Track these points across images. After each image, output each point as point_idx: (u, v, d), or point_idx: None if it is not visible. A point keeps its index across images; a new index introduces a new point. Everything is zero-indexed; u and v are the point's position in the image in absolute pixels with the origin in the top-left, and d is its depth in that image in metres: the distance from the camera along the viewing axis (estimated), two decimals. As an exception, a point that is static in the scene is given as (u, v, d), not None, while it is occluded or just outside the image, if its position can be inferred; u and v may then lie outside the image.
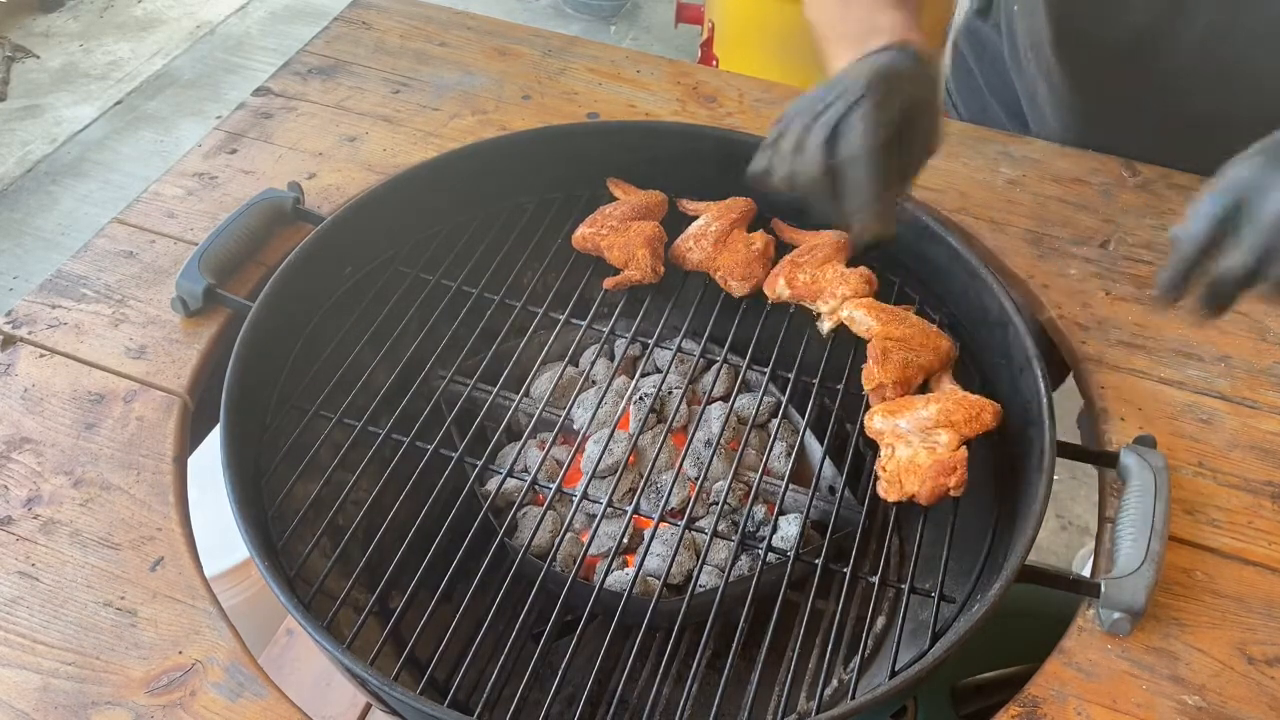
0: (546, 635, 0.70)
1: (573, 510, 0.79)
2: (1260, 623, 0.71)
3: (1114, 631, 0.69)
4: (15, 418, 0.80)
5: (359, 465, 0.79)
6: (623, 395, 0.91)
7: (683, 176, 0.98)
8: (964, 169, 1.05)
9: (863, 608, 0.87)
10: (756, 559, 0.79)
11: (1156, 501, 0.71)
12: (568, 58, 1.18)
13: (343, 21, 1.24)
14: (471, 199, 0.95)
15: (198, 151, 1.05)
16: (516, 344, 0.90)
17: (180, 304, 0.86)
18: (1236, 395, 0.85)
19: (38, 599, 0.70)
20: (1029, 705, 0.67)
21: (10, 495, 0.76)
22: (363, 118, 1.09)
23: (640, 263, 0.89)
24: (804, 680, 0.83)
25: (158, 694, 0.65)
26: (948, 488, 0.73)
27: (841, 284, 0.87)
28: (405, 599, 0.71)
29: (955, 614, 0.71)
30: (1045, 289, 0.93)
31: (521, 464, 0.87)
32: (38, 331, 0.87)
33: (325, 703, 1.11)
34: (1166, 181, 1.04)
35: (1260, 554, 0.75)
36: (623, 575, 0.80)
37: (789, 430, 0.91)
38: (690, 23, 2.71)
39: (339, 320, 0.87)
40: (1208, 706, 0.67)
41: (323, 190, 1.00)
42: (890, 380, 0.80)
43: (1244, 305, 0.91)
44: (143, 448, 0.79)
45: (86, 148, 2.71)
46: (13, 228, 2.48)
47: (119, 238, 0.95)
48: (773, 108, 1.11)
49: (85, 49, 3.05)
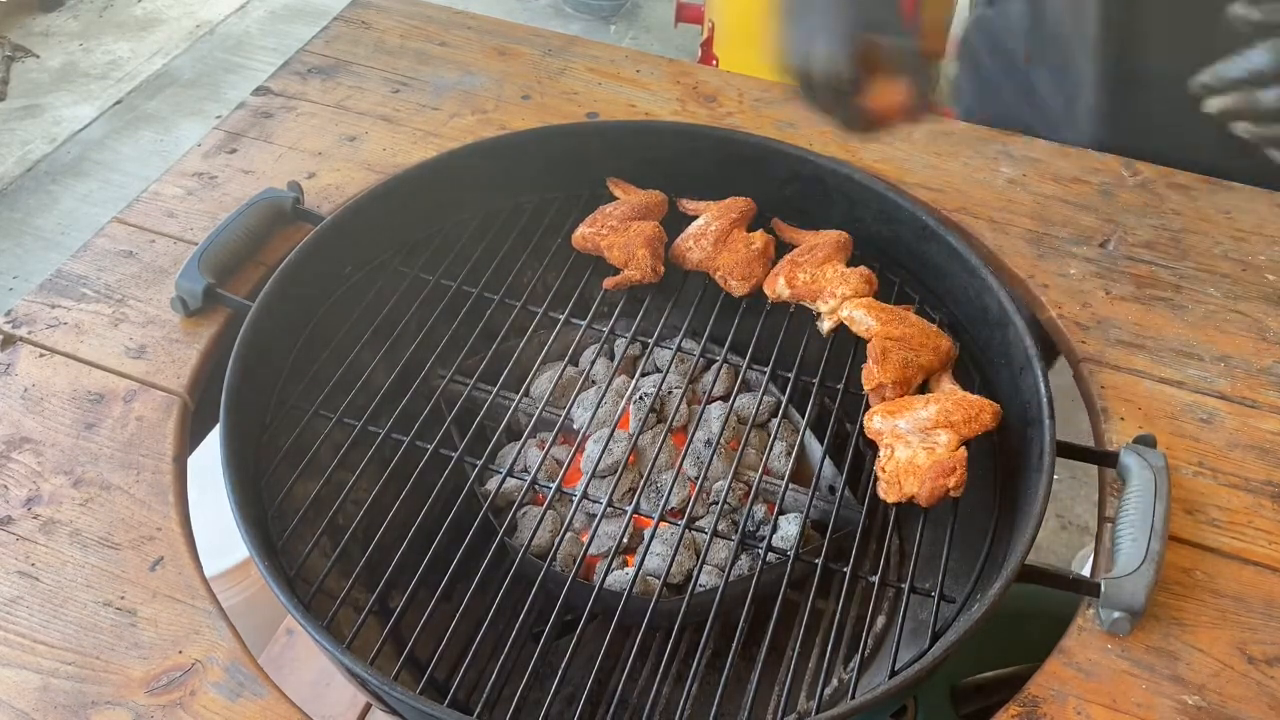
0: (546, 635, 0.70)
1: (573, 510, 0.79)
2: (1260, 622, 0.71)
3: (1114, 631, 0.69)
4: (15, 417, 0.80)
5: (359, 465, 0.79)
6: (622, 395, 0.91)
7: (682, 176, 0.98)
8: (964, 168, 1.05)
9: (863, 607, 0.87)
10: (756, 558, 0.79)
11: (1156, 501, 0.71)
12: (568, 57, 1.18)
13: (342, 21, 1.24)
14: (471, 199, 0.95)
15: (197, 151, 1.05)
16: (516, 344, 0.90)
17: (180, 304, 0.86)
18: (1236, 395, 0.85)
19: (38, 599, 0.70)
20: (1029, 705, 0.67)
21: (10, 495, 0.76)
22: (362, 117, 1.09)
23: (640, 262, 0.89)
24: (804, 680, 0.83)
25: (157, 694, 0.65)
26: (947, 488, 0.73)
27: (841, 283, 0.87)
28: (405, 599, 0.71)
29: (955, 614, 0.71)
30: (1045, 289, 0.93)
31: (521, 463, 0.87)
32: (37, 331, 0.87)
33: (325, 702, 1.11)
34: (1166, 181, 1.04)
35: (1260, 553, 0.75)
36: (623, 575, 0.80)
37: (789, 430, 0.91)
38: (690, 22, 2.71)
39: (339, 320, 0.87)
40: (1208, 706, 0.67)
41: (322, 190, 1.00)
42: (890, 380, 0.80)
43: (1244, 305, 0.92)
44: (143, 447, 0.79)
45: (86, 147, 2.71)
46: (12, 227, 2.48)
47: (119, 237, 0.95)
48: (773, 107, 1.11)
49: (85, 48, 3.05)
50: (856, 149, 1.06)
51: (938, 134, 1.08)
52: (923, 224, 0.89)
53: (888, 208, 0.92)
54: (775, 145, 0.95)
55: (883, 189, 0.92)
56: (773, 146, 0.95)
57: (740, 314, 0.91)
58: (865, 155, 1.06)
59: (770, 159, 0.95)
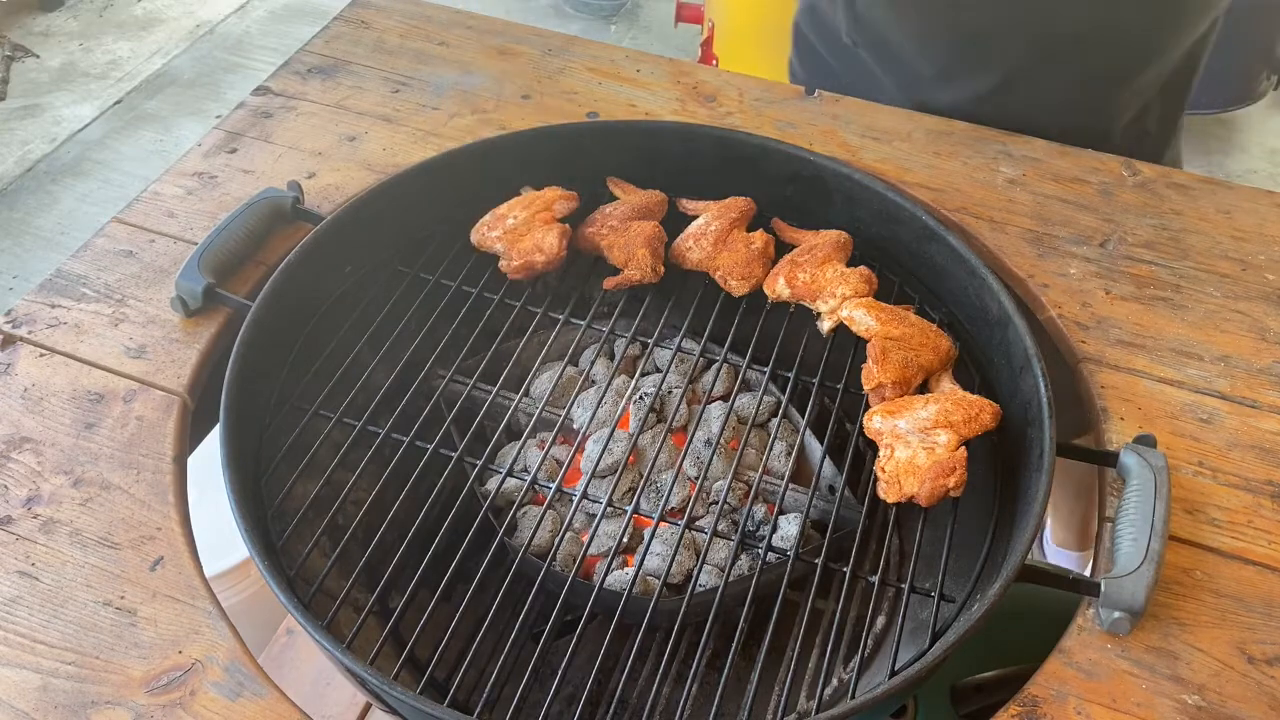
0: (546, 635, 0.70)
1: (572, 510, 0.79)
2: (1260, 622, 0.71)
3: (1114, 631, 0.69)
4: (15, 417, 0.80)
5: (359, 465, 0.79)
6: (622, 394, 0.91)
7: (682, 176, 0.98)
8: (963, 168, 1.05)
9: (863, 607, 0.87)
10: (756, 558, 0.79)
11: (1156, 501, 0.71)
12: (567, 57, 1.18)
13: (342, 21, 1.24)
14: (471, 198, 0.95)
15: (197, 151, 1.05)
16: (516, 343, 0.90)
17: (180, 303, 0.86)
18: (1236, 395, 0.85)
19: (37, 599, 0.70)
20: (1029, 705, 0.67)
21: (10, 495, 0.76)
22: (362, 117, 1.09)
23: (640, 262, 0.89)
24: (804, 680, 0.83)
25: (157, 693, 0.65)
26: (947, 488, 0.73)
27: (841, 283, 0.87)
28: (405, 598, 0.71)
29: (955, 613, 0.71)
30: (1045, 288, 0.93)
31: (521, 463, 0.87)
32: (37, 331, 0.87)
33: (325, 702, 1.11)
34: (1166, 180, 1.04)
35: (1260, 553, 0.75)
36: (622, 575, 0.80)
37: (789, 430, 0.91)
38: (690, 22, 2.71)
39: (339, 319, 0.87)
40: (1207, 706, 0.67)
41: (322, 189, 1.00)
42: (890, 380, 0.80)
43: (1244, 304, 0.92)
44: (142, 447, 0.79)
45: (86, 147, 2.71)
46: (12, 227, 2.48)
47: (119, 237, 0.95)
48: (773, 107, 1.11)
49: (85, 48, 3.05)
50: (856, 149, 1.06)
51: (937, 134, 1.09)
52: (922, 224, 0.89)
53: (887, 207, 0.92)
54: (775, 145, 0.95)
55: (882, 189, 0.92)
56: (772, 146, 0.95)
57: (740, 314, 0.91)
58: (865, 155, 1.06)
59: (770, 159, 0.95)
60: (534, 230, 0.90)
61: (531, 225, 0.90)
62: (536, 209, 0.92)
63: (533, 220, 0.91)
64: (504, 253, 0.90)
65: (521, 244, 0.89)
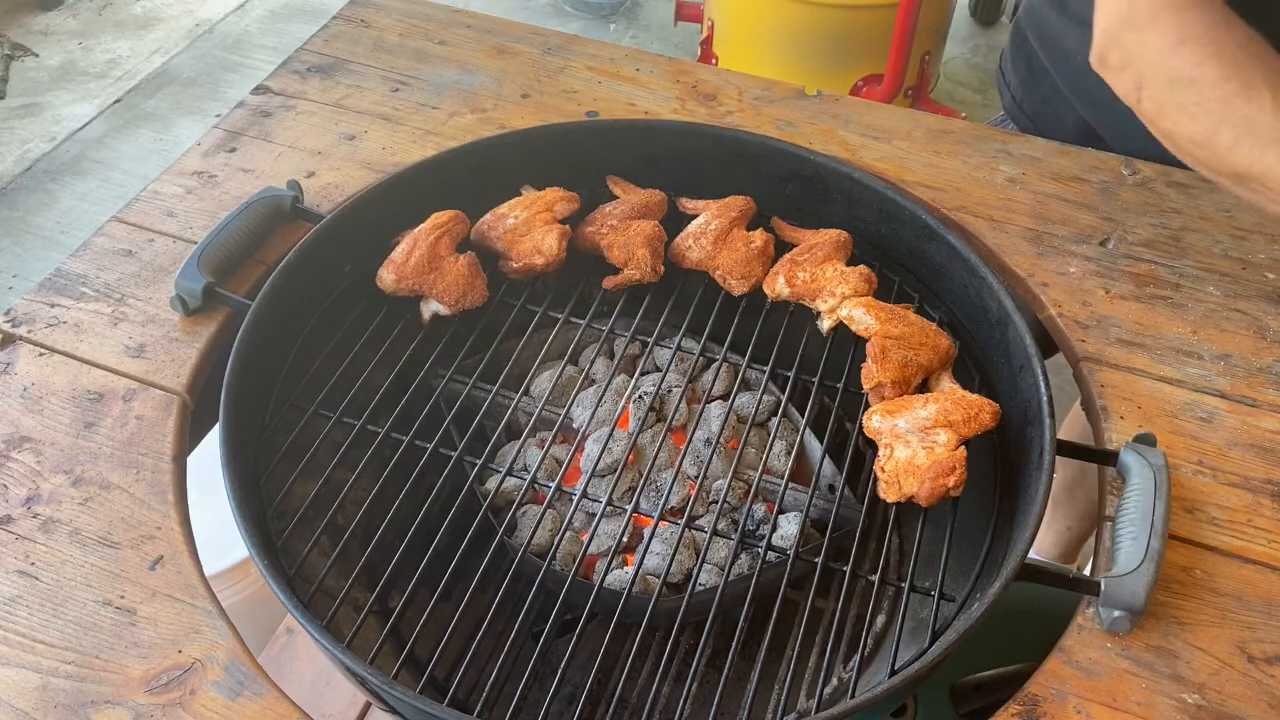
0: (546, 634, 0.70)
1: (572, 509, 0.79)
2: (1260, 621, 0.71)
3: (1114, 630, 0.69)
4: (14, 416, 0.80)
5: (358, 464, 0.79)
6: (622, 394, 0.91)
7: (682, 175, 0.98)
8: (963, 167, 1.05)
9: (862, 606, 0.87)
10: (756, 558, 0.79)
11: (1156, 500, 0.71)
12: (567, 56, 1.18)
13: (342, 20, 1.24)
14: (470, 197, 0.95)
15: (197, 150, 1.05)
16: (516, 343, 0.90)
17: (179, 302, 0.86)
18: (1236, 394, 0.85)
19: (37, 598, 0.70)
20: (1029, 704, 0.67)
21: (10, 494, 0.76)
22: (362, 116, 1.09)
23: (640, 262, 0.89)
24: (804, 679, 0.83)
25: (157, 693, 0.65)
26: (947, 488, 0.73)
27: (841, 282, 0.87)
28: (405, 598, 0.71)
29: (955, 612, 0.71)
30: (1045, 287, 0.93)
31: (521, 463, 0.87)
32: (37, 330, 0.87)
33: (325, 702, 1.11)
34: (1166, 179, 1.04)
35: (1260, 552, 0.75)
36: (622, 574, 0.80)
37: (789, 429, 0.91)
38: (690, 21, 2.71)
39: (338, 319, 0.87)
40: (1207, 705, 0.67)
41: (322, 189, 1.00)
42: (889, 379, 0.80)
43: (1243, 303, 0.92)
44: (142, 447, 0.79)
45: (85, 146, 2.71)
46: (12, 226, 2.48)
47: (118, 236, 0.95)
48: (772, 106, 1.11)
49: (84, 47, 3.05)
50: (856, 147, 1.06)
51: (937, 133, 1.08)
52: (922, 223, 0.89)
53: (887, 206, 0.92)
54: (775, 144, 0.95)
55: (882, 188, 0.92)
56: (772, 145, 0.95)
57: (740, 313, 0.91)
58: (865, 154, 1.05)
59: (770, 158, 0.95)
60: (534, 231, 0.90)
61: (531, 225, 0.90)
62: (537, 209, 0.92)
63: (533, 220, 0.91)
64: (504, 253, 0.90)
65: (521, 245, 0.89)
